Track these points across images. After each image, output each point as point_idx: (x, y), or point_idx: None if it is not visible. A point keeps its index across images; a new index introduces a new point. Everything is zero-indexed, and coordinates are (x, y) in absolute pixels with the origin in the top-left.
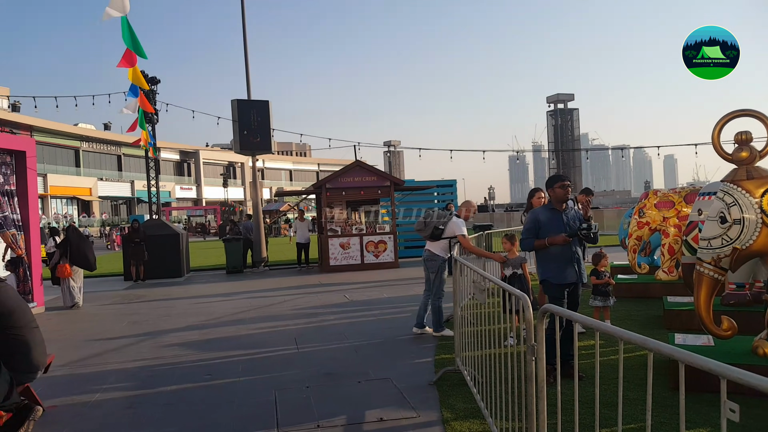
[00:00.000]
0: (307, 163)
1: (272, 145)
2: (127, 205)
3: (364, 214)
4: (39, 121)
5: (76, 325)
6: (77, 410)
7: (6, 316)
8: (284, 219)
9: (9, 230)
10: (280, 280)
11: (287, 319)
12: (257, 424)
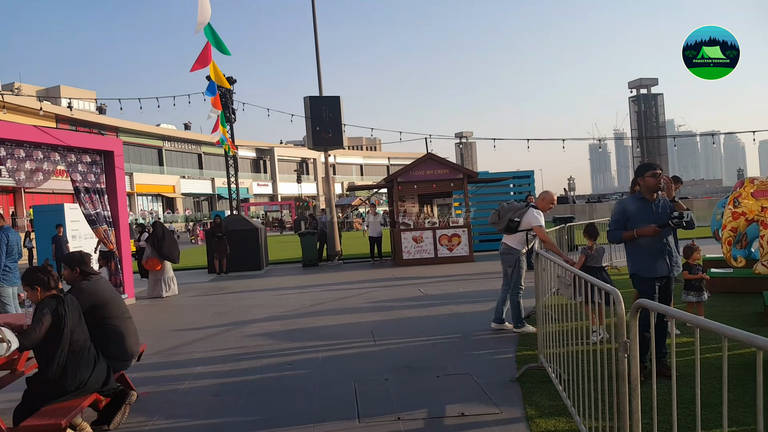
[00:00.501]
0: (377, 157)
1: (343, 140)
2: (208, 202)
3: (437, 207)
4: (124, 123)
5: (164, 315)
6: (167, 397)
7: (101, 307)
8: (356, 213)
9: (101, 226)
10: (354, 274)
11: (363, 312)
12: (338, 415)
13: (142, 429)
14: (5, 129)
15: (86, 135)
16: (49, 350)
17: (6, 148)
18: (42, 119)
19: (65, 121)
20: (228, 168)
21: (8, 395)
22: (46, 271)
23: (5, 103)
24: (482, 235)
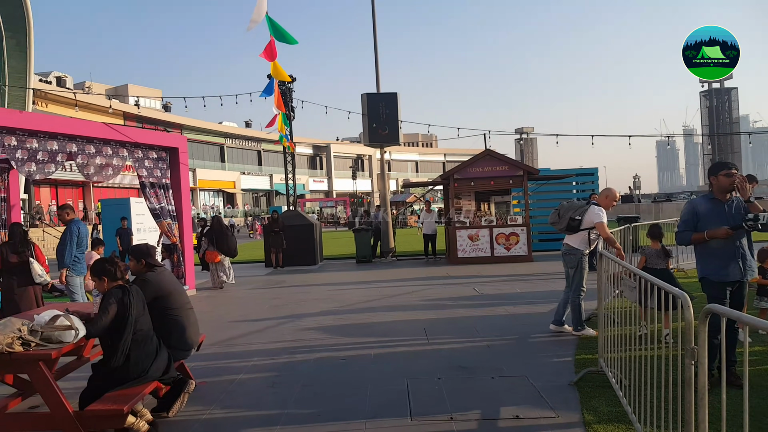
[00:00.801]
0: (433, 153)
1: (400, 137)
2: (266, 197)
3: (495, 205)
4: (188, 120)
5: (223, 307)
6: (224, 387)
7: (164, 298)
8: (410, 210)
9: (165, 220)
10: (407, 271)
11: (416, 309)
12: (390, 412)
13: (199, 418)
14: (77, 126)
15: (153, 132)
16: (114, 338)
17: (77, 144)
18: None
19: (132, 118)
20: (286, 164)
21: (74, 382)
22: (113, 263)
23: (77, 101)
24: (542, 234)
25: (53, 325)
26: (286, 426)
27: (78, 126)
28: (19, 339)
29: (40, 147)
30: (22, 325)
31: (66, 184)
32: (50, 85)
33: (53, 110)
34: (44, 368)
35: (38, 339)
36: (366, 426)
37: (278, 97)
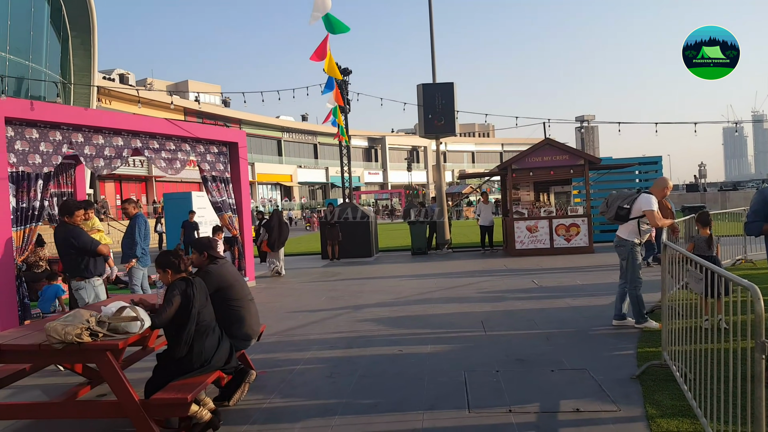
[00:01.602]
0: (490, 143)
1: (456, 128)
2: (322, 190)
3: (554, 195)
4: (246, 115)
5: (282, 298)
6: (284, 377)
7: (226, 290)
8: (466, 201)
9: (226, 213)
10: (464, 263)
11: (473, 301)
12: (448, 404)
13: (259, 406)
14: (142, 122)
15: (214, 127)
16: (178, 329)
17: (141, 140)
18: (172, 112)
19: (192, 113)
20: (342, 157)
21: (139, 372)
22: (177, 255)
23: (140, 98)
24: (603, 224)
25: (120, 316)
26: (344, 416)
27: (142, 122)
28: (87, 330)
29: (106, 143)
30: (90, 316)
31: (130, 179)
32: (113, 82)
33: (116, 107)
34: (111, 358)
35: (106, 330)
36: (424, 417)
37: (336, 91)
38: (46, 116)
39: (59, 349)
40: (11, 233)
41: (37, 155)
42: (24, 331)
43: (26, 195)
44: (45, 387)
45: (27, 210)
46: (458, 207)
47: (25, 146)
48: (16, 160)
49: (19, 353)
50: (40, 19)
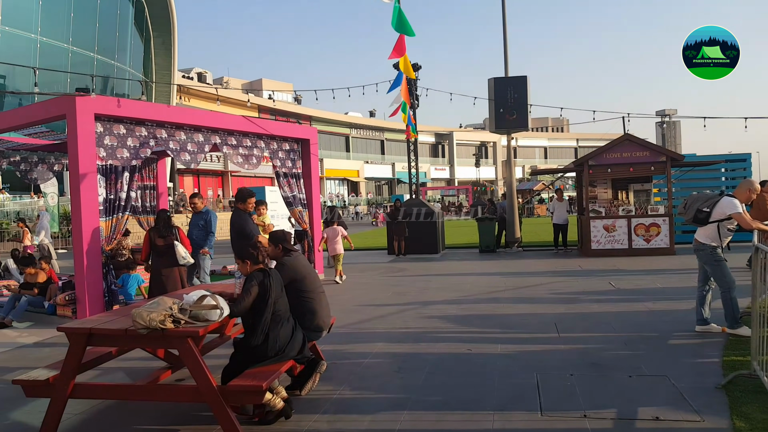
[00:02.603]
0: (564, 138)
1: (528, 122)
2: (388, 185)
3: (633, 193)
4: (316, 112)
5: (349, 292)
6: (352, 369)
7: (299, 282)
8: (538, 198)
9: (296, 207)
10: (535, 262)
11: (545, 302)
12: (519, 405)
13: (330, 397)
14: (221, 119)
15: (288, 124)
16: (255, 318)
17: (220, 136)
18: (246, 110)
19: (266, 111)
20: (409, 153)
21: (216, 359)
22: (255, 247)
23: (219, 96)
24: (685, 225)
25: (201, 305)
26: (413, 411)
27: (221, 119)
28: (170, 317)
29: (188, 139)
30: (173, 303)
31: (207, 173)
32: (192, 80)
33: (195, 104)
34: (192, 344)
35: (187, 317)
36: (494, 418)
37: (405, 87)
38: (132, 113)
39: (144, 334)
40: (99, 223)
41: (125, 149)
42: (111, 317)
43: (114, 187)
44: (128, 370)
45: (114, 201)
46: (529, 204)
47: (114, 141)
48: (105, 154)
49: (107, 337)
50: (125, 21)
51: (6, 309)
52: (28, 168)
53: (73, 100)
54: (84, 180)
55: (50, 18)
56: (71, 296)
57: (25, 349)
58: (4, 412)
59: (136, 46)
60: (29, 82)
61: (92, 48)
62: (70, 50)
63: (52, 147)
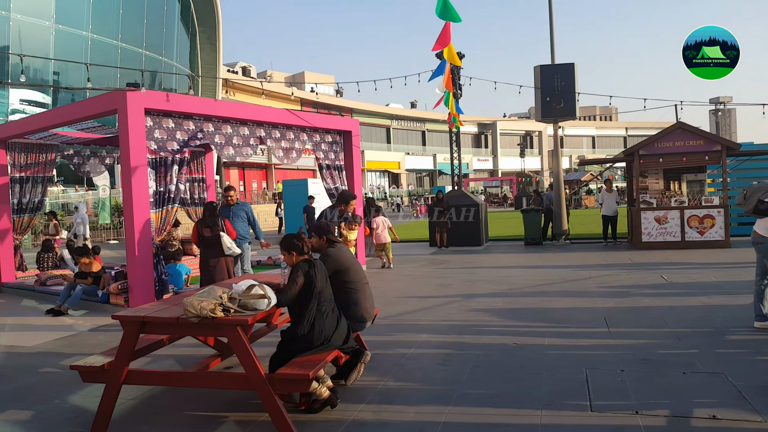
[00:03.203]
0: (612, 127)
1: (576, 111)
2: (429, 177)
3: (686, 183)
4: (357, 104)
5: (392, 284)
6: (396, 360)
7: (343, 272)
8: (586, 189)
9: None
10: (583, 255)
11: (594, 296)
12: (568, 401)
13: (374, 388)
14: (266, 113)
15: (330, 117)
16: (301, 308)
17: (264, 130)
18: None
19: (308, 104)
20: (451, 143)
21: (262, 348)
22: (300, 238)
23: (264, 90)
24: (741, 216)
25: (249, 294)
26: (458, 405)
27: (266, 113)
28: (220, 305)
29: (234, 132)
30: (223, 292)
31: (252, 166)
32: (237, 74)
33: (240, 98)
34: (241, 333)
35: (236, 306)
36: (542, 413)
37: (448, 76)
38: (180, 107)
39: (195, 322)
40: (150, 215)
41: (174, 143)
42: (163, 305)
43: (163, 180)
44: (178, 357)
45: (164, 193)
46: (577, 195)
47: (163, 134)
48: (155, 148)
49: (160, 325)
50: (171, 17)
51: (62, 297)
52: (81, 161)
53: (125, 95)
54: (135, 173)
55: (101, 16)
56: (123, 285)
57: (81, 335)
58: (62, 395)
59: (182, 42)
60: (81, 78)
61: (140, 44)
62: (120, 47)
63: (104, 141)
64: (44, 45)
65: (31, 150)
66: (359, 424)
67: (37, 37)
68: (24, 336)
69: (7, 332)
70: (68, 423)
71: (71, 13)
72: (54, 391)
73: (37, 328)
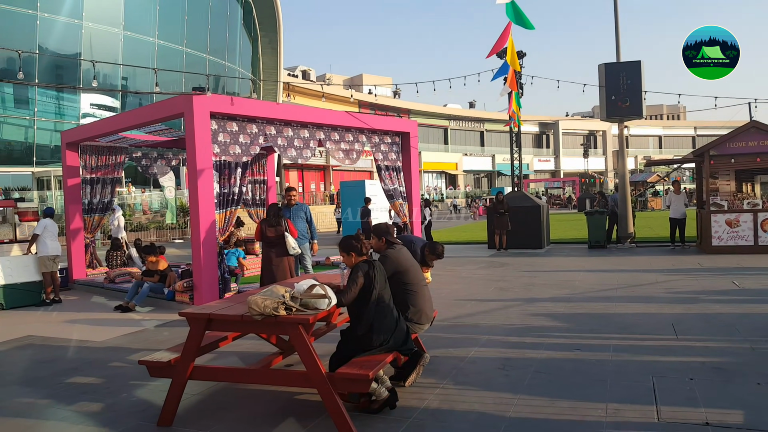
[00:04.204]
0: (680, 127)
1: (643, 110)
2: (488, 178)
3: (760, 185)
4: (415, 105)
5: (449, 286)
6: (455, 363)
7: (402, 274)
8: (652, 191)
9: (397, 200)
10: (649, 259)
11: (661, 302)
12: (634, 409)
13: (433, 390)
14: (326, 115)
15: (389, 118)
16: (360, 308)
17: (324, 132)
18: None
19: (365, 106)
20: (512, 144)
21: (322, 348)
22: (359, 239)
23: (324, 93)
24: None
25: (310, 293)
26: (519, 411)
27: (326, 115)
28: (282, 304)
29: (295, 135)
30: (285, 291)
31: (310, 167)
32: (297, 78)
33: (300, 101)
34: (303, 331)
35: (298, 305)
36: (607, 421)
37: (512, 76)
38: (244, 110)
39: (258, 320)
40: (215, 216)
41: (237, 146)
42: (228, 303)
43: (227, 182)
44: (240, 354)
45: (228, 195)
46: (643, 197)
47: (227, 138)
48: (219, 151)
49: (225, 322)
50: (234, 22)
51: (130, 294)
52: (148, 163)
53: (191, 98)
54: (201, 175)
55: (167, 22)
56: (189, 283)
57: (147, 331)
58: (130, 389)
59: (244, 46)
60: (147, 83)
61: (204, 49)
62: (185, 52)
63: (170, 143)
64: (113, 51)
65: (102, 152)
66: (419, 425)
67: (107, 43)
68: (94, 331)
69: (78, 327)
70: (136, 416)
71: (139, 20)
72: (122, 384)
73: (106, 324)
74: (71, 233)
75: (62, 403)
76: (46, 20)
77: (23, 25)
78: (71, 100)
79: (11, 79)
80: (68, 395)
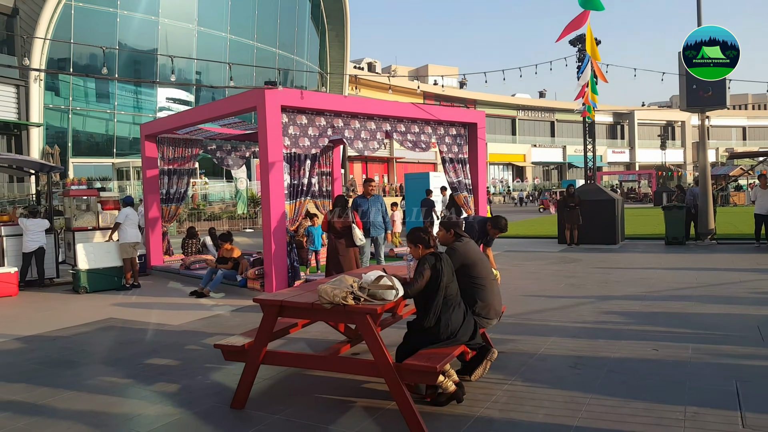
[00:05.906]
0: (766, 117)
1: (726, 99)
2: (558, 170)
3: None
4: (481, 95)
5: (518, 281)
6: (524, 360)
7: (470, 267)
8: (734, 185)
9: (461, 193)
10: (731, 257)
11: (745, 303)
12: (715, 413)
13: (501, 386)
14: (392, 107)
15: (455, 109)
16: (427, 300)
17: (390, 123)
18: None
19: (431, 97)
20: (585, 134)
21: (389, 338)
22: (426, 232)
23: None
24: None
25: (378, 284)
26: (591, 410)
27: (392, 107)
28: (351, 294)
29: (362, 127)
30: (354, 281)
31: (374, 159)
32: (363, 71)
33: (366, 94)
34: (371, 321)
35: (366, 295)
36: (685, 425)
37: (595, 64)
38: (313, 104)
39: (328, 308)
40: (285, 206)
41: (306, 138)
42: (299, 291)
43: (297, 173)
44: (308, 341)
45: (297, 186)
46: (724, 191)
47: (297, 131)
48: (290, 143)
49: (296, 309)
50: (302, 16)
51: (204, 280)
52: (223, 156)
53: (263, 93)
54: (272, 167)
55: (238, 17)
56: (260, 271)
57: (221, 316)
58: (205, 372)
59: (312, 40)
60: (220, 77)
61: (274, 44)
62: (255, 46)
63: (242, 136)
64: (188, 46)
65: (178, 144)
66: (487, 421)
67: (182, 39)
68: (171, 315)
69: (156, 311)
70: (211, 398)
71: (212, 15)
72: (197, 367)
73: (182, 308)
74: (149, 222)
75: (142, 383)
76: (125, 17)
77: (104, 23)
78: (148, 94)
79: (95, 74)
80: (147, 376)
